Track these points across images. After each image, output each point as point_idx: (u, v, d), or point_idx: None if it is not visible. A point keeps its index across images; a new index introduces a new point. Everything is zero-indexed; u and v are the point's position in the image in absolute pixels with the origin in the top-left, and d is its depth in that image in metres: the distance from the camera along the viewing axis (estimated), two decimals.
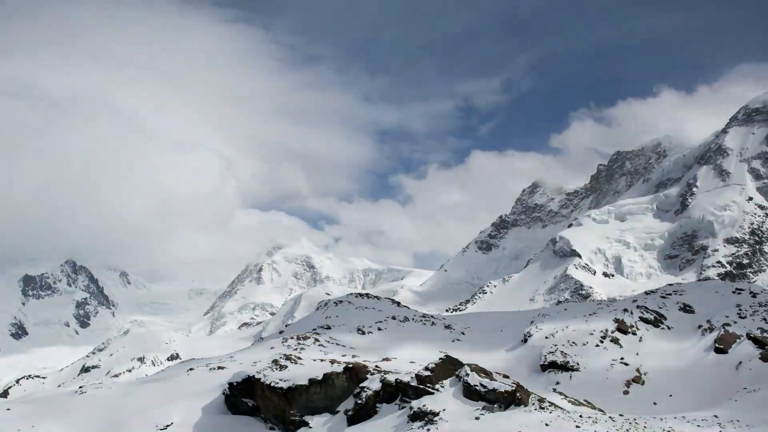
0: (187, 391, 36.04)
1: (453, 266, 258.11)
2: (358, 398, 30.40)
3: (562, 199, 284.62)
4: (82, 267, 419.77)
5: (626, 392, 35.17)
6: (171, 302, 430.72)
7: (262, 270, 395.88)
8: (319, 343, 44.22)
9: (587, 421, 24.31)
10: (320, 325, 55.15)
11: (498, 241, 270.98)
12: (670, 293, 49.57)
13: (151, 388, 38.47)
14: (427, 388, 29.08)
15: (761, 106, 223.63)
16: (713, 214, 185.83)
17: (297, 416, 31.23)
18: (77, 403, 35.68)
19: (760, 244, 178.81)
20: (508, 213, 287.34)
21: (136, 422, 31.21)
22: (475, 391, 27.48)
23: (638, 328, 42.48)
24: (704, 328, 40.76)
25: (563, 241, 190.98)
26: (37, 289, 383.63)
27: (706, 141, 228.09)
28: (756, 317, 40.44)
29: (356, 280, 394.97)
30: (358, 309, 62.69)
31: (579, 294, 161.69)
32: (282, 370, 33.59)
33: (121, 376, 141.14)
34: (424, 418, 26.65)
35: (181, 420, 31.27)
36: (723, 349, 37.39)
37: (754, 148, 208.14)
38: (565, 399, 32.14)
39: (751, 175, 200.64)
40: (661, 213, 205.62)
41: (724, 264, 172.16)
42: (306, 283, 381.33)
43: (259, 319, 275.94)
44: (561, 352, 39.08)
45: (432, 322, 59.47)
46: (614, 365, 37.91)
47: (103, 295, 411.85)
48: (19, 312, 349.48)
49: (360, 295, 72.45)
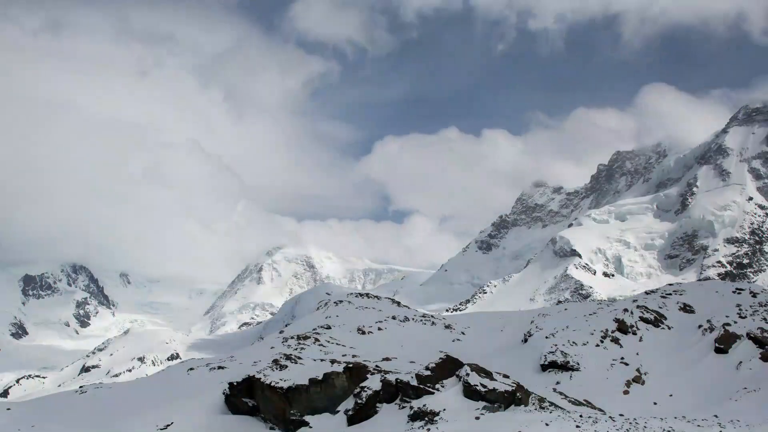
0: (187, 391, 36.02)
1: (453, 266, 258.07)
2: (358, 398, 30.41)
3: (562, 198, 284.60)
4: (82, 267, 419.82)
5: (626, 392, 35.18)
6: (171, 302, 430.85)
7: (262, 270, 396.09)
8: (319, 343, 44.20)
9: (587, 421, 24.32)
10: (320, 325, 55.13)
11: (498, 241, 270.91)
12: (670, 293, 49.54)
13: (151, 388, 38.47)
14: (428, 388, 29.09)
15: (761, 106, 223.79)
16: (713, 214, 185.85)
17: (297, 416, 31.22)
18: (77, 403, 35.68)
19: (760, 244, 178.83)
20: (508, 213, 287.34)
21: (136, 422, 31.18)
22: (475, 390, 27.49)
23: (638, 328, 42.49)
24: (704, 328, 40.76)
25: (563, 241, 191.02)
26: (37, 288, 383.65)
27: (706, 141, 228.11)
28: (756, 317, 40.43)
29: (356, 280, 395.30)
30: (358, 309, 62.68)
31: (579, 294, 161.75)
32: (282, 369, 33.59)
33: (121, 376, 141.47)
34: (425, 417, 26.67)
35: (181, 420, 31.24)
36: (723, 349, 37.39)
37: (754, 148, 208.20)
38: (565, 399, 32.14)
39: (751, 175, 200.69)
40: (662, 213, 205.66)
41: (725, 264, 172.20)
42: (306, 283, 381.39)
43: (259, 319, 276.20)
44: (561, 352, 39.07)
45: (432, 322, 59.47)
46: (614, 365, 37.92)
47: (103, 295, 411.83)
48: (19, 312, 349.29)
49: (360, 295, 72.43)
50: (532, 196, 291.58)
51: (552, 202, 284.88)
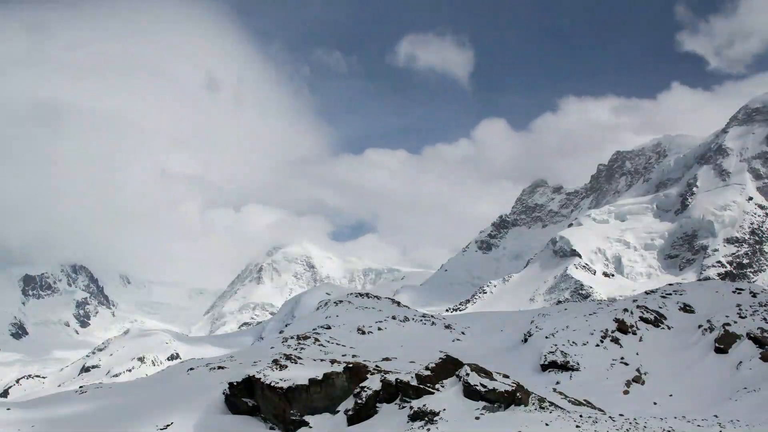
0: (187, 391, 36.02)
1: (453, 266, 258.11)
2: (358, 398, 30.39)
3: (562, 198, 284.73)
4: (82, 267, 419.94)
5: (626, 392, 35.16)
6: (171, 302, 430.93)
7: (262, 270, 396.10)
8: (319, 343, 44.23)
9: (587, 421, 24.31)
10: (320, 325, 55.18)
11: (498, 240, 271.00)
12: (670, 293, 49.51)
13: (151, 388, 38.46)
14: (428, 388, 29.07)
15: (761, 106, 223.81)
16: (713, 214, 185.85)
17: (297, 416, 31.21)
18: (77, 403, 35.66)
19: (760, 243, 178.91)
20: (508, 213, 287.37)
21: (136, 422, 31.18)
22: (475, 390, 27.46)
23: (638, 327, 42.47)
24: (704, 327, 40.74)
25: (563, 241, 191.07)
26: (37, 289, 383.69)
27: (706, 141, 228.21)
28: (756, 317, 40.40)
29: (356, 280, 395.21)
30: (358, 309, 62.75)
31: (579, 294, 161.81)
32: (282, 369, 33.57)
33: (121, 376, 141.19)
34: (425, 417, 26.65)
35: (181, 420, 31.22)
36: (723, 349, 37.37)
37: (754, 148, 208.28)
38: (565, 399, 32.12)
39: (751, 175, 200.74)
40: (661, 213, 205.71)
41: (724, 264, 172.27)
42: (306, 283, 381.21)
43: (259, 319, 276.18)
44: (561, 351, 39.06)
45: (432, 322, 59.50)
46: (614, 365, 37.90)
47: (103, 295, 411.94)
48: (19, 312, 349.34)
49: (360, 295, 72.46)
50: (532, 196, 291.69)
51: (552, 202, 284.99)
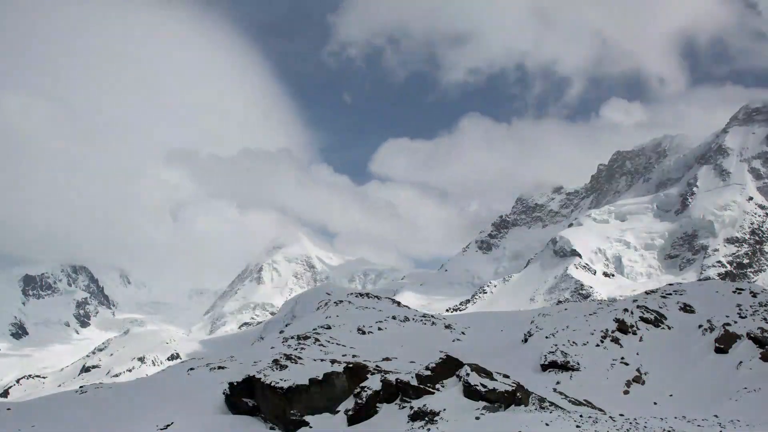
0: (187, 391, 36.05)
1: (453, 266, 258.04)
2: (358, 398, 30.40)
3: (562, 198, 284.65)
4: (82, 267, 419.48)
5: (626, 392, 35.17)
6: (171, 302, 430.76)
7: (262, 270, 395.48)
8: (320, 343, 44.23)
9: (587, 421, 24.31)
10: (320, 325, 55.20)
11: (498, 241, 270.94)
12: (670, 293, 49.50)
13: (151, 387, 38.46)
14: (428, 388, 29.09)
15: (761, 106, 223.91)
16: (713, 214, 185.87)
17: (297, 416, 31.22)
18: (77, 403, 35.66)
19: (760, 243, 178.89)
20: (508, 213, 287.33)
21: (136, 422, 31.21)
22: (475, 390, 27.47)
23: (638, 327, 42.46)
24: (704, 328, 40.74)
25: (563, 241, 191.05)
26: (37, 288, 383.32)
27: (706, 141, 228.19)
28: (756, 317, 40.41)
29: (356, 280, 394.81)
30: (358, 309, 62.78)
31: (579, 294, 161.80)
32: (282, 369, 33.58)
33: (121, 376, 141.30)
34: (425, 417, 26.66)
35: (181, 420, 31.24)
36: (723, 349, 37.37)
37: (754, 148, 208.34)
38: (565, 399, 32.13)
39: (751, 175, 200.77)
40: (662, 213, 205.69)
41: (725, 264, 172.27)
42: (306, 283, 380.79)
43: (259, 319, 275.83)
44: (561, 351, 39.05)
45: (432, 322, 59.52)
46: (614, 365, 37.90)
47: (103, 295, 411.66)
48: (19, 312, 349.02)
49: (360, 295, 72.51)
50: (532, 196, 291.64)
51: (552, 202, 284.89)
